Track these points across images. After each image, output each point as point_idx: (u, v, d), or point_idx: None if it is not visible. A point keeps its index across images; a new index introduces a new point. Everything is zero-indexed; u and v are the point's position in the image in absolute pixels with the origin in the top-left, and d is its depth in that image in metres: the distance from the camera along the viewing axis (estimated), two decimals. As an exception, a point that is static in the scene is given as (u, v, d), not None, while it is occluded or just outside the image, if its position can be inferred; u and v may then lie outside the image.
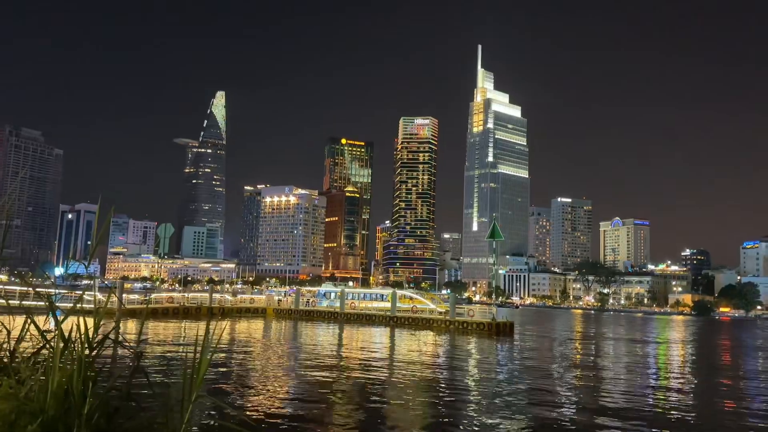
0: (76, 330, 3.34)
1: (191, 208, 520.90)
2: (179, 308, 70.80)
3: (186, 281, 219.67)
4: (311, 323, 67.57)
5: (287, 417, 18.14)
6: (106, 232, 4.45)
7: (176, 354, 30.71)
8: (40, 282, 26.76)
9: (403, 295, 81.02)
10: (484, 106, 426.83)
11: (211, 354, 3.41)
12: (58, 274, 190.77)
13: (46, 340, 3.59)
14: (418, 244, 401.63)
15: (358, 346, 45.16)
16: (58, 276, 45.12)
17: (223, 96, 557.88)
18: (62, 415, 2.94)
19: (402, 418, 19.22)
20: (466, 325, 64.20)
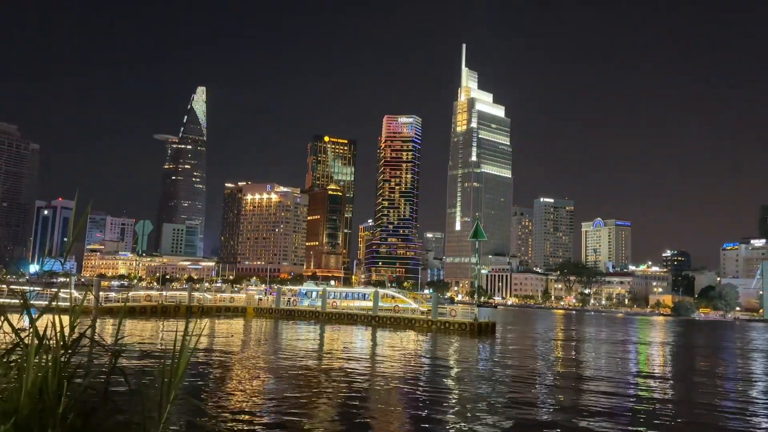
0: (51, 328, 3.28)
1: (171, 205, 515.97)
2: (157, 307, 70.05)
3: (164, 279, 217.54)
4: (292, 323, 67.34)
5: (265, 418, 18.04)
6: (82, 229, 4.36)
7: (154, 354, 30.41)
8: (15, 279, 26.41)
9: (385, 294, 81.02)
10: (468, 105, 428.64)
11: (190, 354, 3.37)
12: (33, 271, 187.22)
13: (20, 338, 3.52)
14: (400, 243, 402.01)
15: (339, 347, 45.10)
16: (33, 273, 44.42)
17: (203, 92, 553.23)
18: (37, 415, 2.88)
19: (380, 420, 19.22)
20: (448, 325, 64.41)
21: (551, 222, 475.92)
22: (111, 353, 3.67)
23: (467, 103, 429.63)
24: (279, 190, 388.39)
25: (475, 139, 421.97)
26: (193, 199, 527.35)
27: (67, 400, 3.04)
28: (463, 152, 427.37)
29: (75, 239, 4.49)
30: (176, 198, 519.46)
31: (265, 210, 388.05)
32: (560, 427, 18.15)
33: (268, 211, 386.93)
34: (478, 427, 17.66)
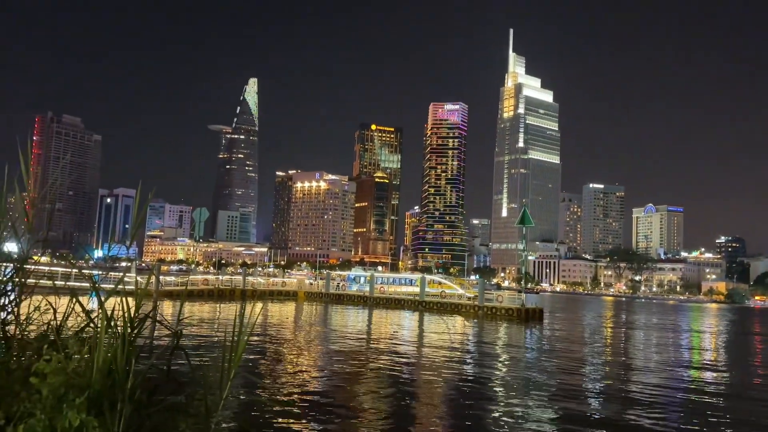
0: (118, 309, 3.48)
1: (225, 193, 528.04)
2: (214, 290, 72.43)
3: (220, 264, 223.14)
4: (341, 307, 68.20)
5: (316, 396, 18.45)
6: (144, 216, 4.58)
7: (213, 334, 31.43)
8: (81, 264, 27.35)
9: (431, 280, 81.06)
10: (515, 90, 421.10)
11: (248, 334, 3.53)
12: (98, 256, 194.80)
13: (90, 318, 3.75)
14: (447, 230, 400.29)
15: (386, 330, 45.47)
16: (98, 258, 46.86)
17: (255, 83, 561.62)
18: (107, 390, 3.07)
19: (426, 401, 19.36)
20: (494, 311, 63.99)
21: (600, 208, 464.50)
22: (173, 333, 3.88)
23: (514, 89, 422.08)
24: (327, 177, 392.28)
25: (522, 125, 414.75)
26: (246, 187, 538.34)
27: (134, 377, 3.23)
28: (510, 138, 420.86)
29: (138, 226, 4.73)
30: (230, 186, 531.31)
31: (314, 197, 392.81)
32: (608, 417, 17.90)
33: (317, 198, 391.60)
34: (525, 413, 17.60)
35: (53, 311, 4.04)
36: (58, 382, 2.76)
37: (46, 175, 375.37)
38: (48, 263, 5.57)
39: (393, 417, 16.58)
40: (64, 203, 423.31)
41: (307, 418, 15.48)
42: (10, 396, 2.97)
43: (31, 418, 2.77)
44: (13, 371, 3.17)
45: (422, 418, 17.04)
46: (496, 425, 16.29)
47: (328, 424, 15.23)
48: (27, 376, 3.07)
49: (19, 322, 3.87)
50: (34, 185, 4.63)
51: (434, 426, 16.17)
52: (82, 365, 3.08)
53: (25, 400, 2.83)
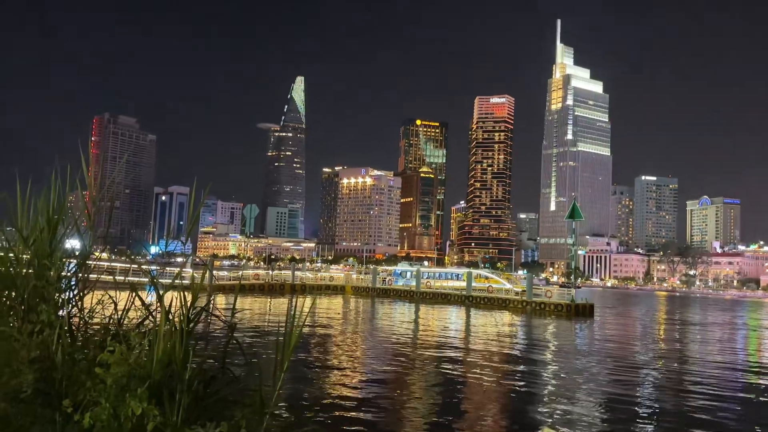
0: (175, 303, 3.61)
1: (274, 189, 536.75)
2: (264, 285, 74.15)
3: (270, 259, 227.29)
4: (388, 301, 68.43)
5: (365, 387, 18.60)
6: (198, 214, 4.73)
7: (265, 327, 32.08)
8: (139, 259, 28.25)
9: (478, 275, 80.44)
10: (563, 82, 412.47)
11: (301, 327, 3.60)
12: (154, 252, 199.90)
13: (149, 311, 3.90)
14: (493, 225, 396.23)
15: (434, 324, 45.40)
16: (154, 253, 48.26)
17: (302, 81, 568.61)
18: (166, 381, 3.19)
19: (474, 399, 19.25)
20: (543, 306, 63.02)
21: (653, 201, 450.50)
22: (228, 326, 3.99)
23: (562, 80, 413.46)
24: (373, 173, 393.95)
25: (571, 117, 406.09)
26: (294, 183, 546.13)
27: (191, 368, 3.34)
28: (558, 131, 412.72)
29: (193, 225, 4.88)
30: (279, 183, 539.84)
31: (360, 193, 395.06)
32: (661, 418, 17.41)
33: (363, 194, 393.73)
34: (573, 410, 17.30)
35: (114, 305, 4.22)
36: (120, 372, 2.85)
37: (104, 175, 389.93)
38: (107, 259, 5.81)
39: (439, 413, 16.57)
40: (121, 201, 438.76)
41: (356, 411, 15.63)
42: (76, 385, 3.12)
43: (96, 406, 2.88)
44: (79, 362, 3.33)
45: (469, 414, 16.96)
46: (543, 422, 16.08)
47: (375, 417, 15.35)
48: (91, 367, 3.23)
49: (82, 315, 4.06)
50: (93, 184, 4.83)
51: (480, 422, 16.08)
52: (143, 356, 3.21)
53: (90, 389, 2.97)
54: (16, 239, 4.16)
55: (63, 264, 4.06)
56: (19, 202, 4.15)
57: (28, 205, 4.17)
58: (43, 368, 3.01)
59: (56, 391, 3.01)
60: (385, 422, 15.03)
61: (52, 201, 4.08)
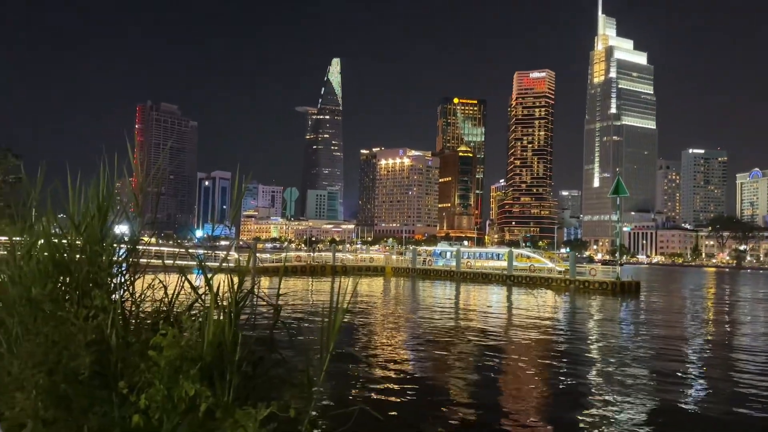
0: (222, 286, 3.67)
1: (313, 172, 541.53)
2: (306, 267, 75.20)
3: (310, 241, 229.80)
4: (428, 282, 68.52)
5: (408, 371, 18.73)
6: (240, 200, 4.79)
7: (308, 308, 32.59)
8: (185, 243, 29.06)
9: (519, 254, 79.68)
10: (606, 54, 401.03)
11: (344, 310, 3.62)
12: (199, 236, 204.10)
13: (198, 294, 3.98)
14: (534, 203, 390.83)
15: (475, 304, 45.29)
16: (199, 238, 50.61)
17: (338, 63, 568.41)
18: (217, 362, 3.25)
19: (517, 376, 19.15)
20: (587, 285, 62.09)
21: (701, 174, 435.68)
22: (273, 308, 4.04)
23: (605, 52, 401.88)
24: (411, 154, 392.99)
25: (614, 90, 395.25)
26: (332, 166, 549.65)
27: (241, 349, 3.40)
28: (601, 104, 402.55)
29: (237, 210, 4.94)
30: (317, 166, 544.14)
31: (398, 174, 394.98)
32: (710, 409, 16.98)
33: (401, 174, 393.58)
34: (618, 396, 17.03)
35: (164, 288, 4.32)
36: (173, 354, 2.92)
37: (149, 161, 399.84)
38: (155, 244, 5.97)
39: (483, 393, 16.56)
40: (166, 187, 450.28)
41: (399, 394, 15.76)
42: (130, 367, 3.22)
43: (150, 387, 2.97)
44: (132, 345, 3.43)
45: (512, 392, 16.91)
46: (589, 406, 15.90)
47: (419, 398, 15.44)
48: (144, 349, 3.32)
49: (134, 299, 4.17)
50: (140, 171, 4.93)
51: (524, 401, 16.02)
52: (193, 339, 3.27)
53: (144, 371, 3.06)
54: (68, 226, 4.29)
55: (114, 249, 4.17)
56: (71, 191, 4.27)
57: (78, 193, 4.28)
58: (99, 351, 3.11)
59: (112, 373, 3.11)
60: (426, 401, 15.12)
61: (101, 189, 4.18)
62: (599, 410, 14.87)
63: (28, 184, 4.75)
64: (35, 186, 4.68)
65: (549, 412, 14.80)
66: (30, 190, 4.76)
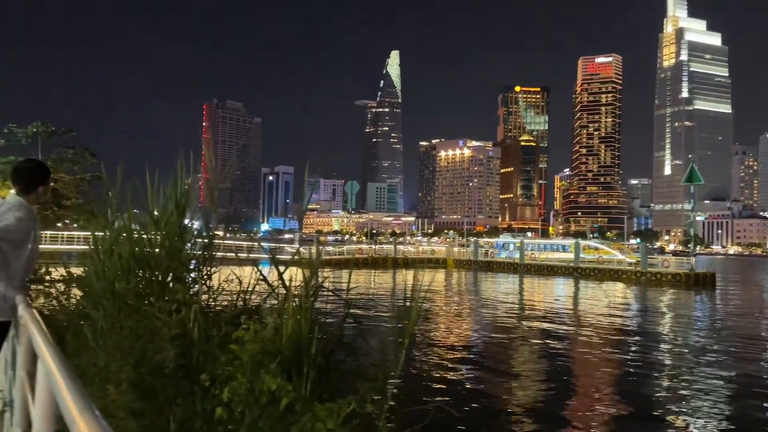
0: (293, 279, 3.68)
1: (373, 165, 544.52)
2: (368, 259, 75.77)
3: (371, 234, 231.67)
4: (491, 274, 67.72)
5: (475, 364, 18.56)
6: (303, 192, 4.83)
7: (373, 301, 32.80)
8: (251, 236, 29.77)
9: (586, 246, 77.49)
10: (676, 36, 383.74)
11: (419, 303, 3.56)
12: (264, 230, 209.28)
13: (273, 288, 4.01)
14: (601, 192, 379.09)
15: (540, 297, 44.44)
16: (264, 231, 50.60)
17: (397, 55, 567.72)
18: (294, 356, 3.27)
19: (585, 373, 18.62)
20: (659, 276, 59.75)
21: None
22: (344, 301, 4.03)
23: (675, 34, 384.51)
24: (471, 144, 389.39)
25: (685, 73, 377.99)
26: (392, 159, 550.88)
27: (317, 342, 3.40)
28: (671, 89, 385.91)
29: (306, 206, 4.97)
30: (377, 159, 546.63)
31: (458, 165, 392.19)
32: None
33: (461, 166, 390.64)
34: (696, 396, 16.28)
35: (239, 282, 4.39)
36: (255, 349, 2.94)
37: (216, 158, 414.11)
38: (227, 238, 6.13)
39: (550, 390, 16.17)
40: (232, 182, 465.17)
41: (468, 390, 15.63)
42: (210, 360, 3.28)
43: (229, 380, 3.00)
44: (212, 338, 3.49)
45: (580, 391, 16.47)
46: (659, 405, 15.29)
47: (488, 395, 15.27)
48: (224, 343, 3.37)
49: (212, 293, 4.25)
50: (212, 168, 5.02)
51: (593, 402, 15.56)
52: (271, 333, 3.30)
53: (225, 364, 3.11)
54: (147, 222, 4.43)
55: (192, 244, 4.27)
56: (149, 187, 4.40)
57: (157, 189, 4.42)
58: (183, 344, 3.18)
59: (194, 366, 3.16)
60: (496, 398, 14.93)
61: (179, 185, 4.28)
62: (676, 418, 14.25)
63: (108, 181, 4.94)
64: (114, 184, 4.86)
65: (621, 422, 14.27)
66: (110, 188, 4.95)
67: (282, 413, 2.89)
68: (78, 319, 4.54)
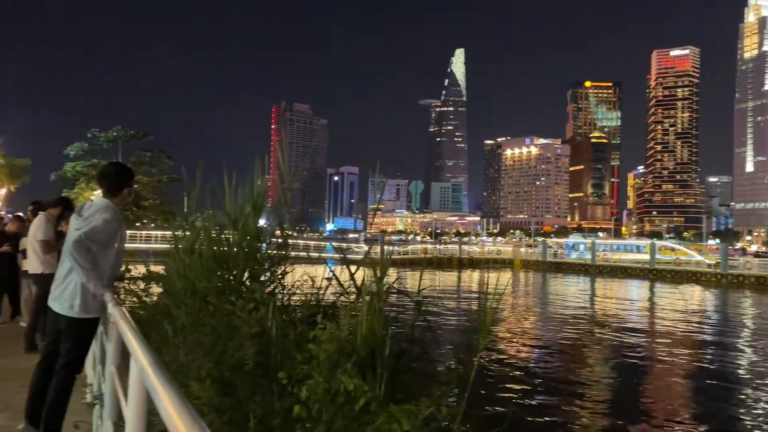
0: (363, 278, 3.69)
1: (437, 165, 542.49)
2: (433, 259, 75.29)
3: (436, 234, 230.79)
4: (560, 275, 66.03)
5: (549, 369, 18.13)
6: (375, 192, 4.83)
7: (440, 301, 32.60)
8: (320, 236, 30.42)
9: (662, 246, 74.38)
10: (759, 25, 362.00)
11: (496, 305, 3.49)
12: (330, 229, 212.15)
13: (344, 288, 4.04)
14: (677, 190, 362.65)
15: (613, 299, 42.95)
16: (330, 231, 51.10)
17: (462, 53, 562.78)
18: (368, 357, 3.28)
19: (660, 385, 17.81)
20: (741, 279, 56.55)
21: None
22: (414, 302, 4.01)
23: (757, 23, 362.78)
24: (538, 142, 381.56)
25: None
26: (456, 158, 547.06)
27: (390, 343, 3.40)
28: (753, 81, 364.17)
29: (377, 208, 4.98)
30: (441, 158, 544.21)
31: (525, 163, 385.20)
32: None
33: (528, 164, 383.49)
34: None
35: (311, 281, 4.45)
36: (331, 348, 2.97)
37: (285, 159, 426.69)
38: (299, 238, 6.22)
39: (618, 402, 15.52)
40: (300, 183, 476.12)
41: (541, 396, 15.28)
42: (287, 359, 3.34)
43: (307, 379, 3.05)
44: (288, 336, 3.55)
45: (657, 405, 15.78)
46: (741, 421, 14.44)
47: (561, 401, 14.88)
48: (299, 342, 3.42)
49: (285, 292, 4.33)
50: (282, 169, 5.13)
51: (671, 416, 14.88)
52: (346, 333, 3.32)
53: (301, 363, 3.15)
54: (225, 223, 4.58)
55: (269, 244, 4.38)
56: (227, 189, 4.55)
57: (234, 190, 4.56)
58: (261, 343, 3.25)
59: (272, 365, 3.23)
60: (569, 406, 14.52)
61: (256, 187, 4.40)
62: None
63: (188, 182, 5.13)
64: (194, 185, 5.04)
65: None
66: (190, 189, 5.13)
67: (357, 413, 2.91)
68: (159, 316, 4.73)
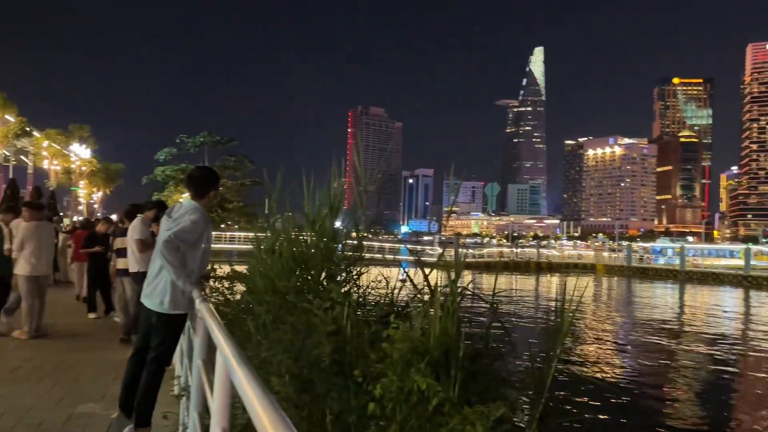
0: (437, 280, 3.71)
1: (513, 166, 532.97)
2: (509, 263, 73.76)
3: (512, 237, 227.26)
4: (647, 281, 63.18)
5: (628, 379, 17.44)
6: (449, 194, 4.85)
7: (515, 306, 32.06)
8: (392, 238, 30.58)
9: (758, 251, 69.71)
10: None
11: (573, 312, 3.42)
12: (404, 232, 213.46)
13: (418, 289, 4.09)
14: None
15: (703, 308, 40.66)
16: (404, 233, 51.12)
17: (541, 51, 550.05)
18: (442, 357, 3.30)
19: (752, 420, 16.63)
20: None
21: None
22: (489, 304, 3.99)
23: None
24: (623, 142, 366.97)
25: None
26: (534, 159, 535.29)
27: (464, 345, 3.41)
28: None
29: (451, 211, 4.99)
30: (518, 159, 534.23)
31: (609, 164, 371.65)
32: None
33: (611, 165, 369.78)
34: None
35: (385, 282, 4.52)
36: (405, 348, 3.02)
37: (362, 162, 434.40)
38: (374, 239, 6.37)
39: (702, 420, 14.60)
40: (375, 185, 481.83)
41: (617, 406, 14.73)
42: (362, 357, 3.41)
43: (382, 378, 3.10)
44: (363, 335, 3.63)
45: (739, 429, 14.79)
46: None
47: (639, 414, 14.27)
48: (373, 341, 3.49)
49: (360, 292, 4.43)
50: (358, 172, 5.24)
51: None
52: (419, 333, 3.36)
53: (375, 361, 3.22)
54: (303, 224, 4.75)
55: (345, 245, 4.50)
56: (306, 191, 4.71)
57: (312, 193, 4.71)
58: (337, 341, 3.34)
59: (348, 362, 3.32)
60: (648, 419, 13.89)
61: (333, 189, 4.54)
62: None
63: (269, 185, 5.34)
64: (274, 188, 5.24)
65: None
66: (271, 192, 5.34)
67: (431, 414, 2.93)
68: (242, 313, 4.96)
